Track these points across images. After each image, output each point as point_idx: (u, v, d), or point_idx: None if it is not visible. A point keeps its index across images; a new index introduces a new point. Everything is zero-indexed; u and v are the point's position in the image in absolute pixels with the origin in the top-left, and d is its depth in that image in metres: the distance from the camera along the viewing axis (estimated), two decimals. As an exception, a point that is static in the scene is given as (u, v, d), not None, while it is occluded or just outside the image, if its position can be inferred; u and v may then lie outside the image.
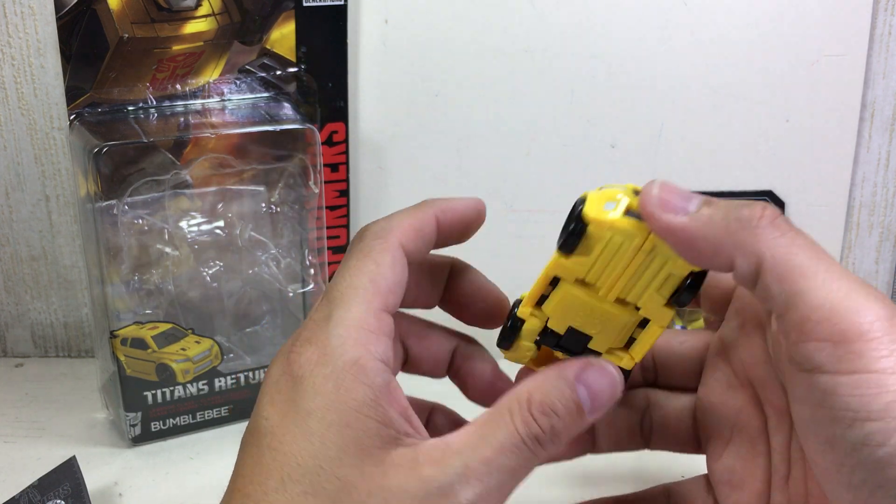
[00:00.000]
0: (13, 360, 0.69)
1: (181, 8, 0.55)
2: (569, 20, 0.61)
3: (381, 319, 0.35)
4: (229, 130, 0.56)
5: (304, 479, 0.32)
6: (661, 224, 0.33)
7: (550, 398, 0.33)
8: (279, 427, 0.33)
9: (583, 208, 0.35)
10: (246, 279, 0.59)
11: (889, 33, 0.62)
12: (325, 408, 0.33)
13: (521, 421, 0.33)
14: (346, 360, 0.33)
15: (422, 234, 0.38)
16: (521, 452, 0.33)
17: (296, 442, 0.33)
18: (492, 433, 0.33)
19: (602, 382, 0.34)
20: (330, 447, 0.32)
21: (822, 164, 0.64)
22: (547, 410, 0.33)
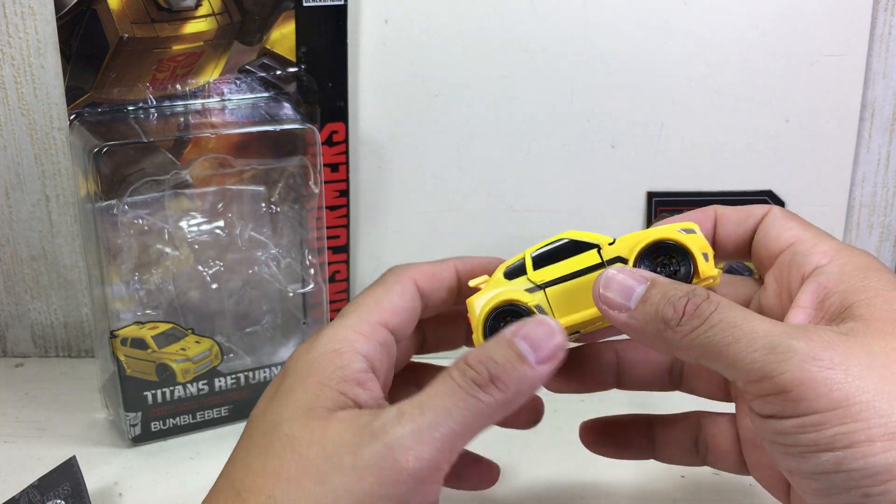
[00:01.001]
0: (13, 360, 0.69)
1: (181, 8, 0.55)
2: (569, 20, 0.61)
3: (374, 328, 0.38)
4: (229, 130, 0.56)
5: (262, 441, 0.35)
6: (610, 320, 0.37)
7: (486, 350, 0.35)
8: (258, 409, 0.37)
9: None
10: (246, 279, 0.59)
11: (889, 33, 0.62)
12: (295, 383, 0.36)
13: (456, 371, 0.34)
14: (327, 348, 0.37)
15: (439, 277, 0.42)
16: (455, 394, 0.34)
17: (264, 415, 0.36)
18: (429, 386, 0.35)
19: (539, 331, 0.35)
20: (285, 411, 0.35)
21: (822, 164, 0.64)
22: (483, 359, 0.34)
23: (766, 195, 0.64)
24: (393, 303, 0.40)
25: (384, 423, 0.33)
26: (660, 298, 0.35)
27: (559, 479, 0.53)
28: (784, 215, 0.41)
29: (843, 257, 0.37)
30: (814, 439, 0.32)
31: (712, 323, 0.34)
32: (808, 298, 0.37)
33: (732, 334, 0.33)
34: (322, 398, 0.35)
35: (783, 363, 0.32)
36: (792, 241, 0.39)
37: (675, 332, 0.35)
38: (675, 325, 0.35)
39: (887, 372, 0.32)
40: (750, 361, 0.33)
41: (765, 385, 0.33)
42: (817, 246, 0.38)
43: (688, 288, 0.36)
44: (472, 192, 0.65)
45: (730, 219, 0.42)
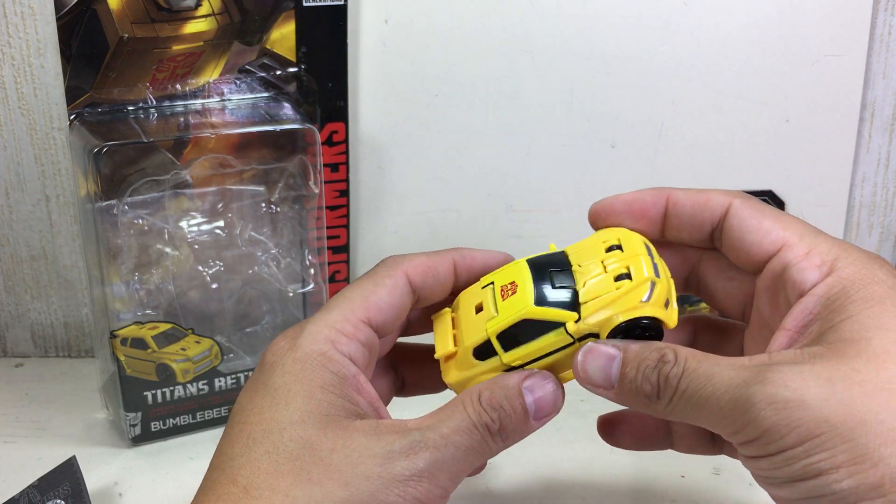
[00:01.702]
0: (13, 360, 0.69)
1: (181, 8, 0.55)
2: (569, 20, 0.61)
3: (357, 327, 0.39)
4: (229, 130, 0.56)
5: (266, 441, 0.35)
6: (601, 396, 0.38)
7: (498, 396, 0.37)
8: (248, 403, 0.37)
9: None
10: (246, 279, 0.59)
11: (889, 33, 0.62)
12: (290, 383, 0.36)
13: (473, 410, 0.36)
14: (314, 349, 0.37)
15: (433, 272, 0.41)
16: (472, 435, 0.36)
17: (261, 412, 0.36)
18: (447, 417, 0.36)
19: (545, 389, 0.38)
20: (294, 412, 0.35)
21: (822, 164, 0.64)
22: (496, 405, 0.37)
23: (766, 195, 0.64)
24: (380, 299, 0.40)
25: (413, 446, 0.35)
26: (635, 374, 0.36)
27: (559, 480, 0.53)
28: (751, 210, 0.39)
29: (836, 273, 0.37)
30: (788, 473, 0.33)
31: (682, 389, 0.35)
32: (793, 322, 0.37)
33: (701, 396, 0.35)
34: (331, 405, 0.36)
35: (747, 414, 0.33)
36: (778, 246, 0.38)
37: (657, 405, 0.36)
38: (656, 399, 0.36)
39: (847, 396, 0.33)
40: (720, 418, 0.34)
41: (738, 436, 0.34)
42: (811, 256, 0.38)
43: (657, 354, 0.36)
44: (472, 192, 0.65)
45: (684, 207, 0.41)
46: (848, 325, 0.35)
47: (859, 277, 0.36)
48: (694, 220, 0.41)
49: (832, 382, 0.33)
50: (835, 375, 0.33)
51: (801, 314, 0.37)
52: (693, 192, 0.41)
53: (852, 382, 0.33)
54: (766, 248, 0.39)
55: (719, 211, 0.40)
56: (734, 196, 0.40)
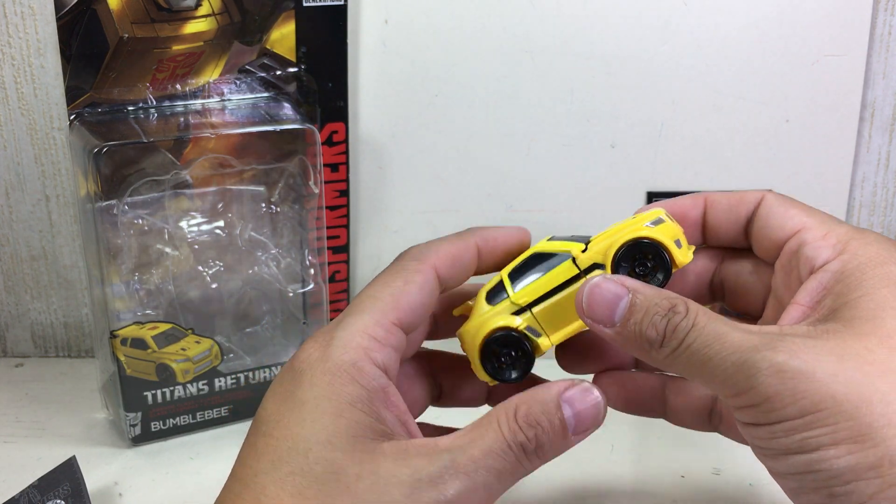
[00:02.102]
0: (13, 360, 0.69)
1: (181, 8, 0.55)
2: (569, 20, 0.61)
3: (389, 331, 0.37)
4: (229, 130, 0.55)
5: (292, 461, 0.33)
6: (597, 334, 0.37)
7: (535, 412, 0.35)
8: (274, 415, 0.35)
9: None
10: (246, 279, 0.59)
11: (889, 33, 0.62)
12: (319, 397, 0.35)
13: (508, 429, 0.35)
14: (344, 359, 0.36)
15: (460, 262, 0.41)
16: (506, 457, 0.34)
17: (288, 427, 0.34)
18: (480, 437, 0.35)
19: (586, 402, 0.36)
20: (321, 432, 0.34)
21: (822, 164, 0.64)
22: (532, 422, 0.35)
23: (766, 195, 0.64)
24: (412, 298, 0.38)
25: (441, 474, 0.33)
26: (642, 317, 0.36)
27: (559, 480, 0.53)
28: (781, 200, 0.41)
29: (850, 251, 0.37)
30: (785, 444, 0.33)
31: (689, 343, 0.35)
32: (806, 296, 0.37)
33: (706, 353, 0.34)
34: (359, 425, 0.34)
35: (751, 378, 0.33)
36: (798, 229, 0.39)
37: (658, 353, 0.36)
38: (658, 346, 0.35)
39: (856, 375, 0.32)
40: (723, 379, 0.34)
41: (738, 399, 0.34)
42: (827, 237, 0.38)
43: (667, 303, 0.36)
44: (472, 192, 0.65)
45: (721, 205, 0.42)
46: (863, 303, 0.35)
47: (875, 256, 0.36)
48: (731, 213, 0.42)
49: (843, 359, 0.33)
50: (847, 352, 0.33)
51: (814, 289, 0.37)
52: (729, 193, 0.42)
53: (863, 361, 0.33)
54: (787, 230, 0.39)
55: (753, 203, 0.41)
56: (768, 191, 0.42)
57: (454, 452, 0.34)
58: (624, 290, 0.36)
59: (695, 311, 0.35)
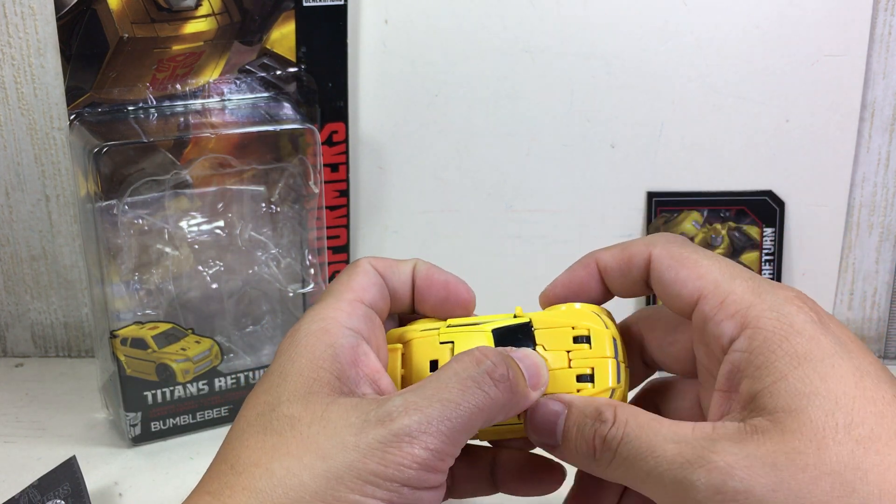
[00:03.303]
0: (13, 360, 0.69)
1: (181, 8, 0.55)
2: (569, 20, 0.61)
3: (353, 304, 0.39)
4: (229, 130, 0.55)
5: (258, 422, 0.35)
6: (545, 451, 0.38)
7: (492, 355, 0.36)
8: (253, 392, 0.38)
9: None
10: (246, 279, 0.59)
11: (889, 33, 0.62)
12: (285, 363, 0.37)
13: (467, 360, 0.36)
14: (313, 327, 0.38)
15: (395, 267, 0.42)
16: (464, 386, 0.35)
17: (257, 396, 0.37)
18: (434, 377, 0.36)
19: (531, 359, 0.38)
20: (282, 392, 0.36)
21: (822, 164, 0.64)
22: (490, 355, 0.36)
23: (766, 195, 0.64)
24: (360, 282, 0.40)
25: (390, 412, 0.34)
26: (576, 433, 0.36)
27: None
28: (668, 261, 0.38)
29: (752, 325, 0.35)
30: None
31: (623, 456, 0.35)
32: (724, 382, 0.36)
33: (642, 468, 0.34)
34: (318, 381, 0.36)
35: (689, 500, 0.33)
36: (696, 298, 0.37)
37: (597, 466, 0.36)
38: (594, 461, 0.36)
39: (792, 484, 0.31)
40: (662, 495, 0.34)
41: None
42: (724, 306, 0.36)
43: (594, 412, 0.36)
44: (472, 192, 0.65)
45: (612, 270, 0.41)
46: (779, 390, 0.33)
47: (777, 329, 0.34)
48: (626, 279, 0.40)
49: (777, 469, 0.32)
50: (778, 460, 0.32)
51: (729, 372, 0.35)
52: (617, 251, 0.41)
53: (796, 468, 0.32)
54: (686, 301, 0.37)
55: (642, 265, 0.40)
56: (653, 245, 0.39)
57: (405, 395, 0.35)
58: (562, 407, 0.37)
59: (623, 418, 0.35)
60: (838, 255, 0.66)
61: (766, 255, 0.65)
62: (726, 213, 0.65)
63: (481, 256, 0.66)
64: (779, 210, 0.64)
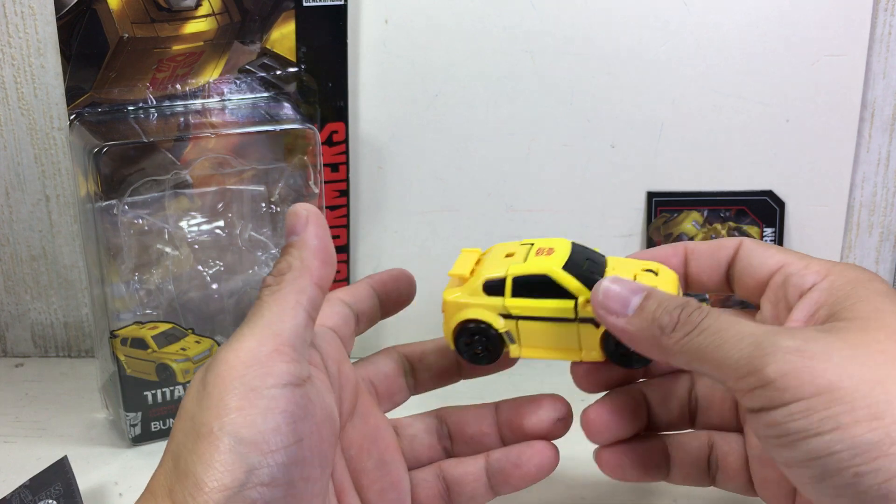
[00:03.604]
0: (13, 360, 0.69)
1: (181, 8, 0.55)
2: (569, 21, 0.61)
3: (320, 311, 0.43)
4: (229, 130, 0.56)
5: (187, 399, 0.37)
6: (606, 324, 0.40)
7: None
8: None
9: None
10: (246, 279, 0.59)
11: (889, 33, 0.62)
12: None
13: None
14: None
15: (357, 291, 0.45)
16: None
17: None
18: None
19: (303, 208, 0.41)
20: None
21: (822, 164, 0.64)
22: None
23: (766, 195, 0.64)
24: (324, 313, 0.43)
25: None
26: (656, 307, 0.38)
27: (559, 480, 0.53)
28: (758, 243, 0.44)
29: (834, 273, 0.40)
30: (802, 426, 0.33)
31: (703, 328, 0.37)
32: (800, 314, 0.39)
33: (721, 337, 0.36)
34: None
35: (767, 356, 0.34)
36: (780, 265, 0.42)
37: (669, 338, 0.37)
38: (670, 331, 0.37)
39: (869, 361, 0.34)
40: (737, 359, 0.35)
41: (751, 379, 0.35)
42: (809, 266, 0.41)
43: (682, 299, 0.38)
44: (472, 192, 0.65)
45: (701, 253, 0.45)
46: (861, 307, 0.37)
47: (860, 275, 0.39)
48: (711, 259, 0.44)
49: (856, 347, 0.34)
50: (858, 342, 0.35)
51: (808, 306, 0.39)
52: (706, 241, 0.45)
53: (874, 350, 0.34)
54: (769, 267, 0.42)
55: (732, 248, 0.44)
56: (744, 238, 0.44)
57: None
58: (640, 289, 0.39)
59: (709, 307, 0.38)
60: (838, 256, 0.66)
61: (766, 255, 0.65)
62: (726, 213, 0.65)
63: (481, 256, 0.66)
64: (779, 210, 0.64)
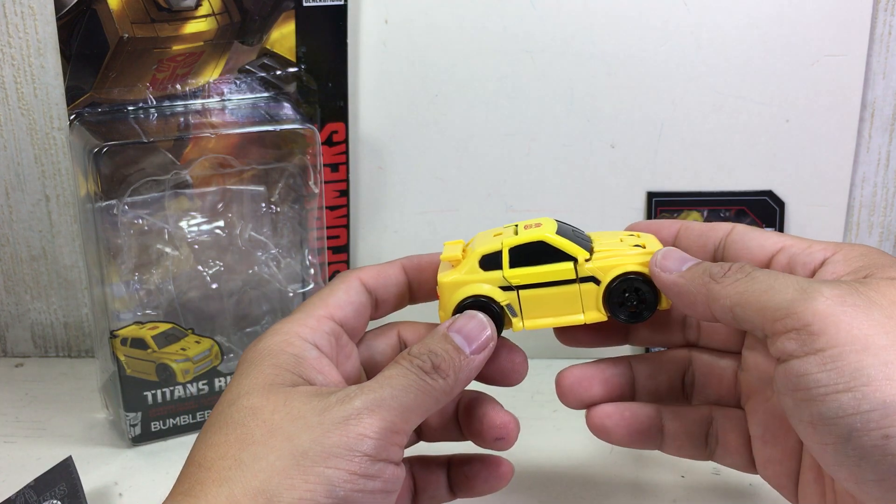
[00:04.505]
0: (13, 360, 0.69)
1: (181, 8, 0.55)
2: (569, 20, 0.61)
3: (320, 321, 0.41)
4: (229, 130, 0.56)
5: (219, 418, 0.37)
6: (659, 281, 0.41)
7: (426, 344, 0.39)
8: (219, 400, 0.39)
9: None
10: (246, 279, 0.59)
11: (889, 33, 0.62)
12: (247, 367, 0.39)
13: (404, 360, 0.38)
14: (274, 340, 0.40)
15: (384, 275, 0.44)
16: (408, 376, 0.38)
17: (220, 399, 0.38)
18: (381, 372, 0.38)
19: (471, 325, 0.40)
20: (243, 387, 0.38)
21: (822, 164, 0.64)
22: (425, 350, 0.38)
23: (766, 195, 0.64)
24: (338, 298, 0.42)
25: (348, 394, 0.36)
26: (708, 265, 0.39)
27: (559, 480, 0.53)
28: (753, 228, 0.43)
29: (844, 248, 0.39)
30: (832, 378, 0.32)
31: (754, 275, 0.37)
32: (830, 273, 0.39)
33: (768, 283, 0.36)
34: (279, 377, 0.38)
35: (810, 300, 0.34)
36: (781, 246, 0.41)
37: (718, 283, 0.38)
38: (721, 276, 0.38)
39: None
40: (780, 300, 0.35)
41: (789, 321, 0.34)
42: (812, 245, 0.40)
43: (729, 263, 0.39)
44: (472, 192, 0.65)
45: (693, 231, 0.44)
46: (891, 270, 0.36)
47: (869, 250, 0.39)
48: (701, 238, 0.44)
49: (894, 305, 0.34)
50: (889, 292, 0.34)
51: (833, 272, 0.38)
52: (702, 224, 0.45)
53: None
54: (767, 249, 0.41)
55: (723, 232, 0.43)
56: (737, 224, 0.44)
57: (360, 385, 0.37)
58: (694, 258, 0.41)
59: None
60: (838, 255, 0.66)
61: (766, 255, 0.65)
62: (726, 213, 0.65)
63: (481, 256, 0.66)
64: (779, 210, 0.64)
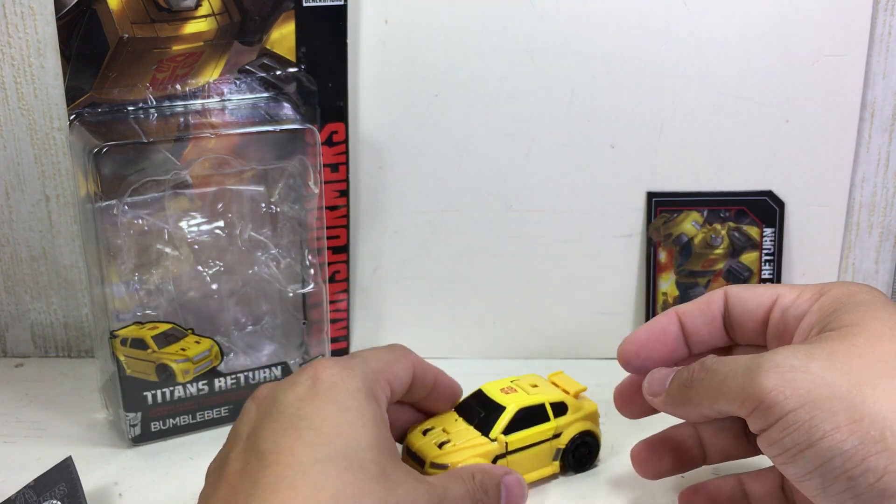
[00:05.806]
0: (13, 360, 0.69)
1: (181, 8, 0.55)
2: (569, 20, 0.61)
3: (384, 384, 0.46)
4: (229, 130, 0.56)
5: (350, 458, 0.39)
6: (652, 404, 0.46)
7: (485, 481, 0.45)
8: (315, 412, 0.40)
9: None
10: (246, 279, 0.59)
11: (889, 33, 0.62)
12: (361, 408, 0.41)
13: (470, 485, 0.45)
14: (372, 386, 0.44)
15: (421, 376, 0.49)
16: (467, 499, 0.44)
17: (339, 427, 0.40)
18: (455, 484, 0.44)
19: (516, 485, 0.47)
20: (371, 438, 0.40)
21: (822, 164, 0.64)
22: (483, 487, 0.45)
23: (766, 195, 0.64)
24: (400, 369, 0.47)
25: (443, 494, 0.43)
26: (680, 374, 0.44)
27: (559, 480, 0.53)
28: (745, 286, 0.47)
29: (825, 294, 0.43)
30: (795, 439, 0.36)
31: (713, 370, 0.41)
32: (797, 339, 0.43)
33: (724, 372, 0.40)
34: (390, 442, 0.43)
35: (755, 379, 0.38)
36: (774, 299, 0.45)
37: (690, 389, 0.42)
38: (691, 382, 0.42)
39: (845, 366, 0.37)
40: (735, 387, 0.39)
41: (749, 403, 0.38)
42: (801, 294, 0.44)
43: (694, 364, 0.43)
44: (472, 192, 0.65)
45: (692, 312, 0.47)
46: (844, 317, 0.40)
47: (848, 292, 0.42)
48: (705, 315, 0.47)
49: (833, 355, 0.38)
50: (836, 350, 0.38)
51: (803, 329, 0.42)
52: (695, 301, 0.48)
53: (851, 355, 0.37)
54: (764, 305, 0.45)
55: (721, 299, 0.47)
56: (727, 286, 0.47)
57: (445, 490, 0.43)
58: (671, 372, 0.45)
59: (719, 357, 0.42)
60: (838, 256, 0.66)
61: (766, 255, 0.65)
62: (726, 213, 0.65)
63: (481, 256, 0.66)
64: (779, 210, 0.64)
